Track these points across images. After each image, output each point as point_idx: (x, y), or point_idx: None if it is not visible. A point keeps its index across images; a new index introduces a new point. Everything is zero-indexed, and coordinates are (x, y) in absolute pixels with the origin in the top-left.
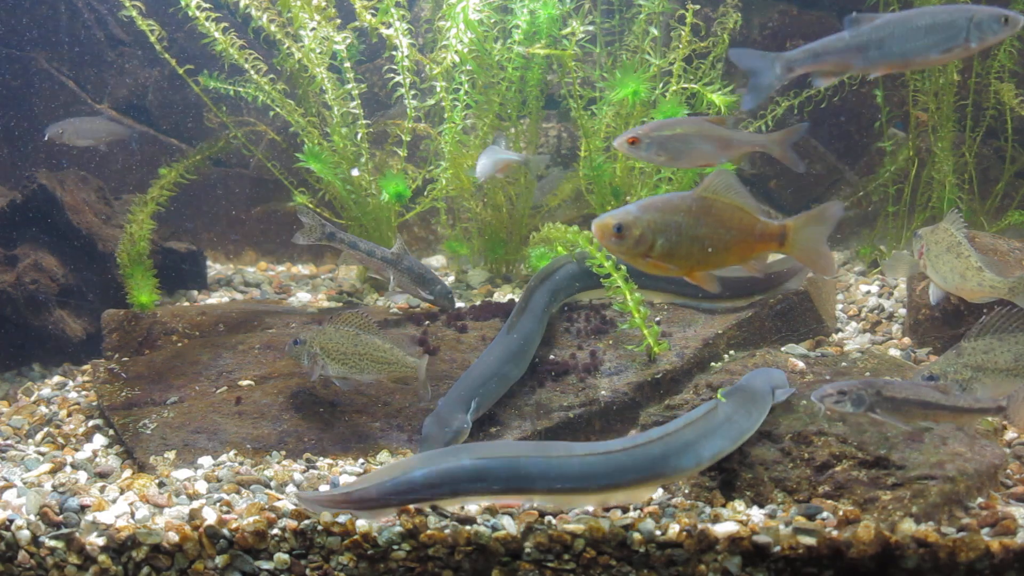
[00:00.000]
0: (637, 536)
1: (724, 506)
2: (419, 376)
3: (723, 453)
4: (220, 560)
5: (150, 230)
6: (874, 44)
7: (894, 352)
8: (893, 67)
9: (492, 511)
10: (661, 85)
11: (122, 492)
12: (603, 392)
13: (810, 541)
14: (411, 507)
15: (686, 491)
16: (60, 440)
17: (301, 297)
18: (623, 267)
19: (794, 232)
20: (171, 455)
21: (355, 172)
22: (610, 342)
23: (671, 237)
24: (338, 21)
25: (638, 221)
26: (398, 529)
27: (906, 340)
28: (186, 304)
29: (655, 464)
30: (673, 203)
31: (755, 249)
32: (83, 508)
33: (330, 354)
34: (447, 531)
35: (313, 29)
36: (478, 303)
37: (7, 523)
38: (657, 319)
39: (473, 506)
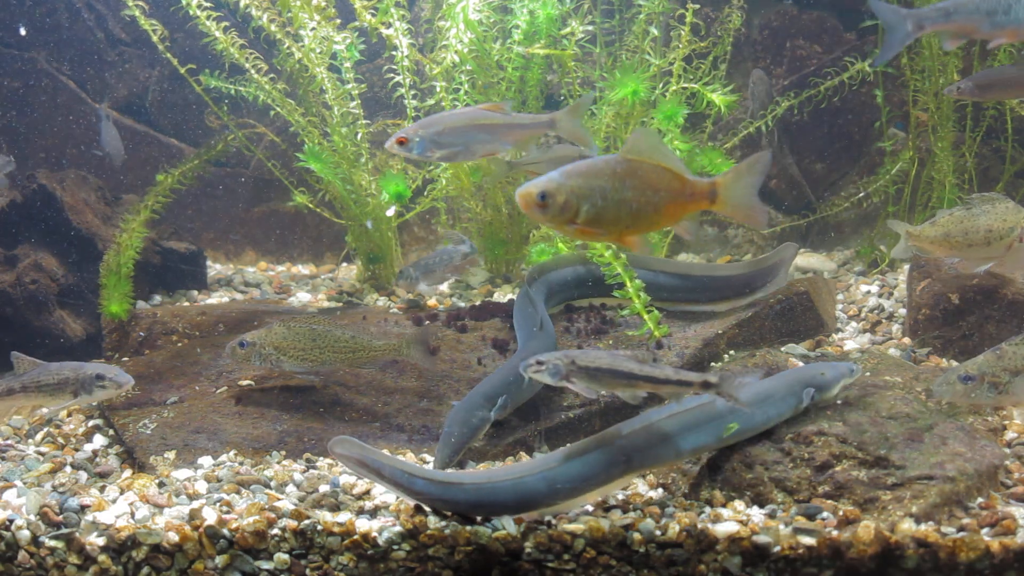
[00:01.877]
0: (637, 536)
1: (724, 506)
2: (413, 350)
3: (705, 448)
4: (220, 560)
5: (143, 236)
6: (1002, 9)
7: (894, 352)
8: (1018, 35)
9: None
10: (661, 85)
11: (122, 492)
12: (602, 392)
13: (810, 541)
14: (411, 507)
15: (685, 491)
16: (60, 440)
17: (301, 297)
18: (623, 255)
19: (724, 188)
20: (171, 455)
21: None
22: (610, 342)
23: (596, 202)
24: (338, 21)
25: (561, 188)
26: (398, 529)
27: (906, 340)
28: (186, 304)
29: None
30: (597, 167)
31: (686, 209)
32: (83, 508)
33: (286, 352)
34: (447, 531)
35: (313, 29)
36: (478, 303)
37: (7, 523)
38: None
39: None
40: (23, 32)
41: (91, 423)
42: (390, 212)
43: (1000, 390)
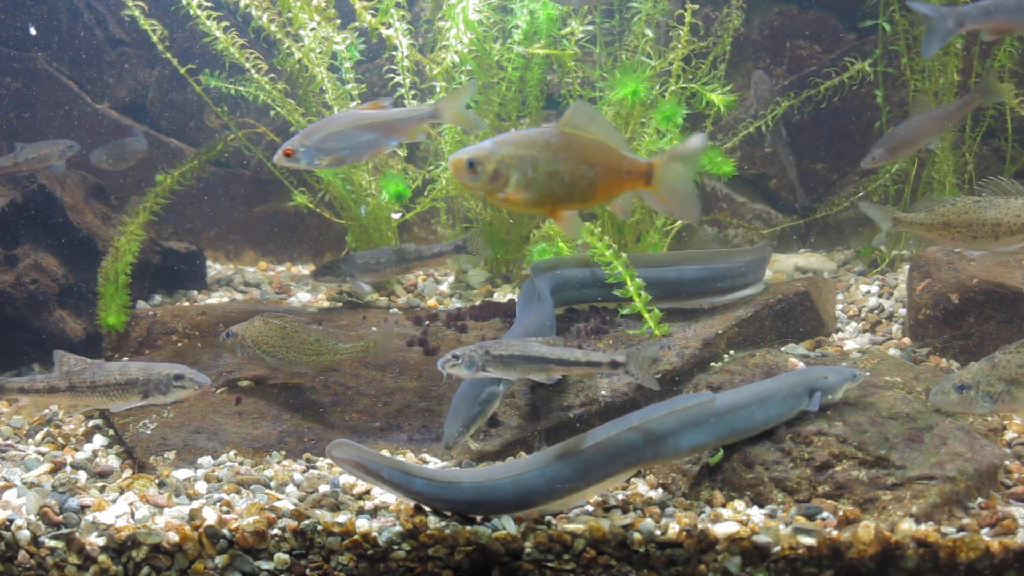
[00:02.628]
0: (637, 536)
1: (724, 506)
2: (381, 346)
3: (704, 446)
4: (220, 560)
5: (142, 238)
6: None
7: (894, 352)
8: None
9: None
10: (660, 85)
11: (122, 492)
12: (603, 392)
13: (810, 541)
14: (411, 507)
15: (685, 491)
16: (60, 440)
17: (301, 297)
18: (624, 254)
19: (661, 169)
20: (171, 455)
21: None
22: (610, 342)
23: (527, 172)
24: (338, 22)
25: (491, 156)
26: (398, 529)
27: (906, 340)
28: (186, 304)
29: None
30: (530, 138)
31: (621, 187)
32: (83, 508)
33: (260, 346)
34: (447, 531)
35: (313, 29)
36: (478, 303)
37: (7, 523)
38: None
39: None
40: (32, 31)
41: (91, 423)
42: (396, 216)
43: (995, 399)
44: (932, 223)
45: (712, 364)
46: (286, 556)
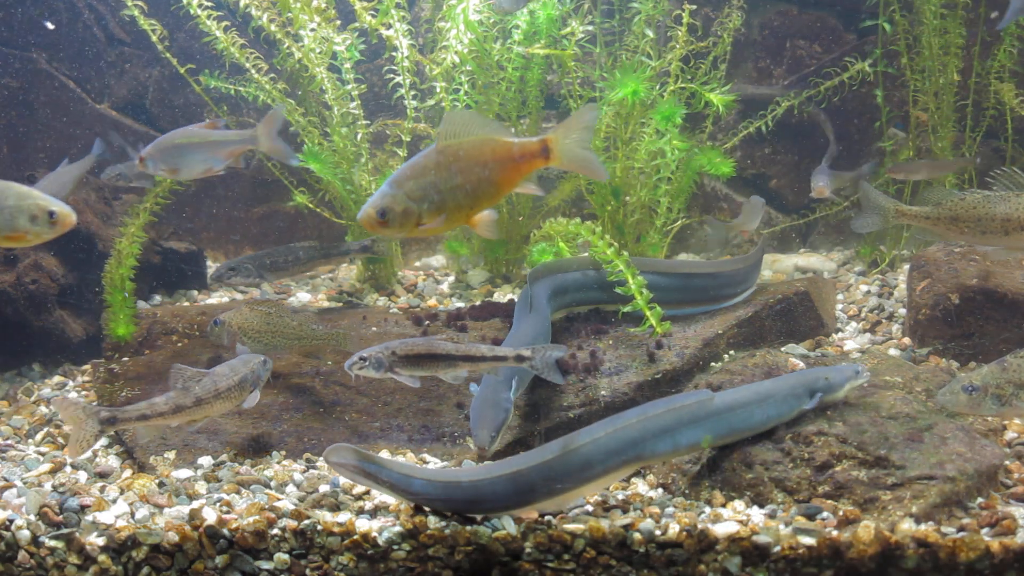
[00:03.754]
0: (637, 536)
1: (724, 506)
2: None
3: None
4: (220, 560)
5: (143, 240)
6: None
7: (894, 352)
8: None
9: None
10: (660, 85)
11: (122, 492)
12: (603, 392)
13: (810, 541)
14: (411, 507)
15: (685, 491)
16: (60, 440)
17: (301, 297)
18: (625, 252)
19: (556, 143)
20: (171, 455)
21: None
22: (610, 342)
23: (433, 198)
24: (338, 22)
25: (396, 199)
26: (398, 529)
27: (906, 340)
28: (186, 304)
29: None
30: (420, 165)
31: (522, 170)
32: (83, 508)
33: (246, 333)
34: (447, 531)
35: (313, 30)
36: (478, 303)
37: (7, 523)
38: None
39: None
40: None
41: None
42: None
43: (1004, 402)
44: (939, 217)
45: (712, 364)
46: (286, 556)
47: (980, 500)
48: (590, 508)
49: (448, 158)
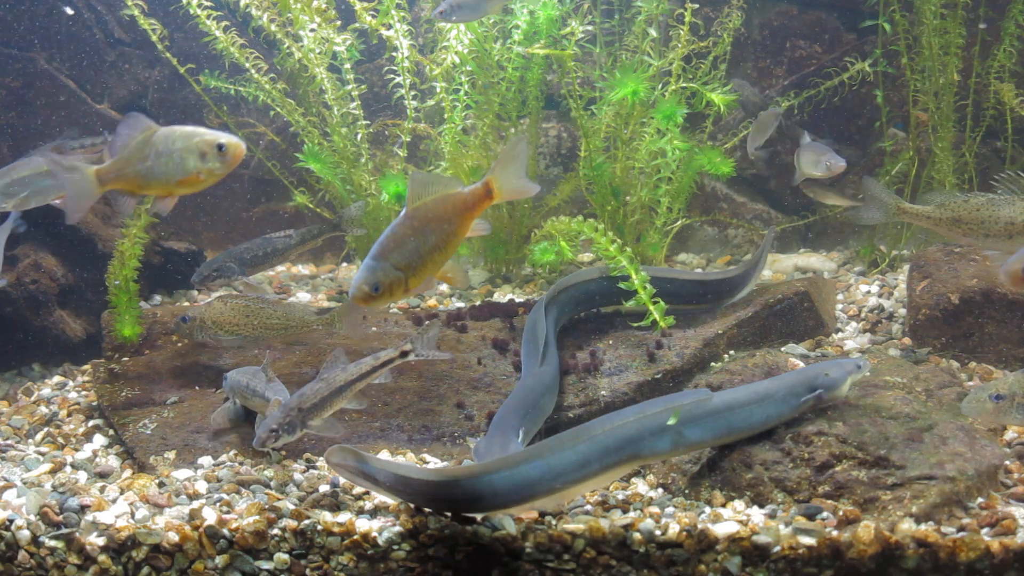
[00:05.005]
0: (637, 536)
1: (724, 506)
2: (339, 319)
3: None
4: (220, 560)
5: (144, 242)
6: None
7: (894, 352)
8: None
9: None
10: (661, 85)
11: (122, 492)
12: (603, 392)
13: (810, 541)
14: (411, 507)
15: (685, 491)
16: (60, 440)
17: (301, 297)
18: (628, 249)
19: (495, 181)
20: (171, 455)
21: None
22: (610, 342)
23: (415, 261)
24: (338, 23)
25: (386, 272)
26: (398, 529)
27: (906, 340)
28: (186, 304)
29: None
30: (398, 233)
31: (474, 215)
32: (83, 508)
33: (222, 327)
34: (447, 531)
35: (313, 30)
36: (478, 303)
37: (7, 523)
38: None
39: None
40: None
41: (91, 423)
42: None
43: None
44: (941, 217)
45: (712, 364)
46: (286, 556)
47: (980, 500)
48: (590, 508)
49: (420, 221)
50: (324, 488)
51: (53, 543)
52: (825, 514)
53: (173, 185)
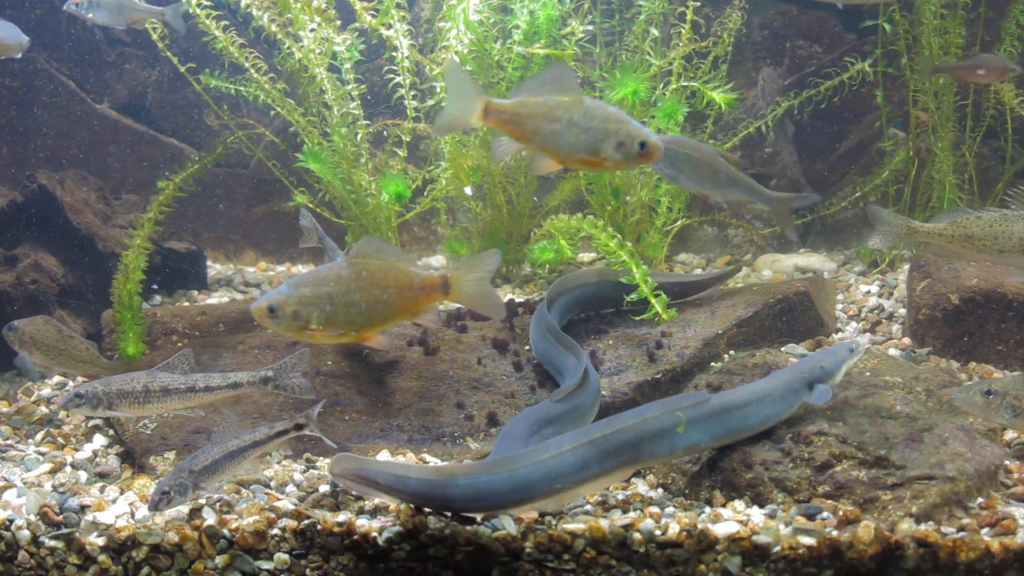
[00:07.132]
0: (637, 536)
1: (724, 506)
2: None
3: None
4: (220, 560)
5: (147, 250)
6: None
7: (894, 352)
8: None
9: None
10: (661, 85)
11: (122, 492)
12: (603, 392)
13: (810, 541)
14: (410, 507)
15: (685, 491)
16: (60, 440)
17: None
18: (629, 244)
19: (456, 281)
20: (171, 455)
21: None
22: (610, 342)
23: (325, 308)
24: (338, 23)
25: (289, 299)
26: (398, 529)
27: (906, 340)
28: (186, 304)
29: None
30: (323, 275)
31: (420, 302)
32: (83, 508)
33: (37, 345)
34: (447, 531)
35: (313, 30)
36: None
37: (7, 523)
38: None
39: None
40: (23, 32)
41: (91, 423)
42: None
43: (1017, 414)
44: (954, 234)
45: (712, 364)
46: (286, 556)
47: (980, 500)
48: (590, 508)
49: (350, 274)
50: (324, 488)
51: (53, 543)
52: (825, 514)
53: (570, 156)
